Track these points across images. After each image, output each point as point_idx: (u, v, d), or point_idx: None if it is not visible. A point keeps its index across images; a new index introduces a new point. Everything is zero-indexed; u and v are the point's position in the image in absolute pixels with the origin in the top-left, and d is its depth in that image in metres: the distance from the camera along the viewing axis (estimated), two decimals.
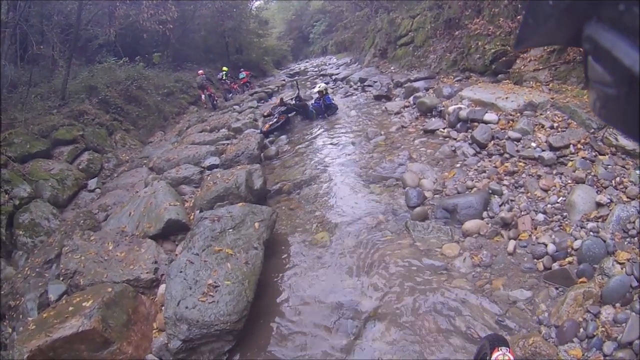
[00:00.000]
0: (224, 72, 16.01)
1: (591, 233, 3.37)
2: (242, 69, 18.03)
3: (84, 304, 3.54)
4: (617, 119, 0.37)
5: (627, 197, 3.52)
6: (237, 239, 4.12)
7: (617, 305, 2.74)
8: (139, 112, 11.93)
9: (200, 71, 14.76)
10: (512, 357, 1.53)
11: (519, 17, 6.69)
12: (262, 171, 6.13)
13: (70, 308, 3.53)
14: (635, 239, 3.11)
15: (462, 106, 6.32)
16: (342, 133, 8.03)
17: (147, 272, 4.33)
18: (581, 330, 2.73)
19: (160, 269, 4.41)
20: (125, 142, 10.35)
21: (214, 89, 14.96)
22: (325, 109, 9.51)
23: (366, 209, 4.90)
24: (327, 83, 13.65)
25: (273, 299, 3.88)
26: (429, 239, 4.11)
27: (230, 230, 4.23)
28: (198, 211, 5.31)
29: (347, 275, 3.90)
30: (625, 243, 3.11)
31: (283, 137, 8.88)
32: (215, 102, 14.27)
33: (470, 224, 4.11)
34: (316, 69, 21.91)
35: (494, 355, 1.54)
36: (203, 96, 14.43)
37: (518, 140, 4.97)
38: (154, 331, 3.83)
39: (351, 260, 4.07)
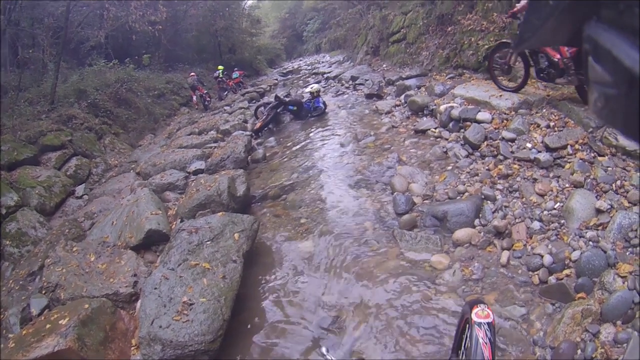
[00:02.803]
0: (220, 71, 15.94)
1: (590, 243, 3.10)
2: (235, 69, 17.91)
3: (60, 322, 3.35)
4: (617, 119, 0.37)
5: (629, 203, 3.23)
6: (215, 251, 3.89)
7: (618, 323, 2.50)
8: (129, 115, 11.71)
9: (192, 73, 14.60)
10: (490, 312, 1.61)
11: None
12: (246, 177, 5.90)
13: (48, 325, 3.36)
14: (638, 248, 2.85)
15: (455, 105, 6.07)
16: (331, 134, 7.78)
17: (126, 286, 4.12)
18: (579, 352, 2.48)
19: (140, 282, 4.20)
20: (114, 146, 10.13)
21: (205, 90, 14.76)
22: (314, 110, 9.38)
23: (353, 217, 4.66)
24: (318, 82, 13.42)
25: (253, 315, 3.66)
26: (418, 249, 3.85)
27: (208, 242, 3.99)
28: (179, 220, 5.10)
29: (330, 289, 3.67)
30: (627, 254, 2.84)
31: (271, 138, 8.69)
32: (207, 102, 14.07)
33: (461, 233, 3.84)
34: (309, 67, 21.63)
35: (474, 311, 1.62)
36: (194, 97, 14.28)
37: (512, 140, 4.70)
38: (133, 348, 3.63)
39: (336, 273, 3.84)
